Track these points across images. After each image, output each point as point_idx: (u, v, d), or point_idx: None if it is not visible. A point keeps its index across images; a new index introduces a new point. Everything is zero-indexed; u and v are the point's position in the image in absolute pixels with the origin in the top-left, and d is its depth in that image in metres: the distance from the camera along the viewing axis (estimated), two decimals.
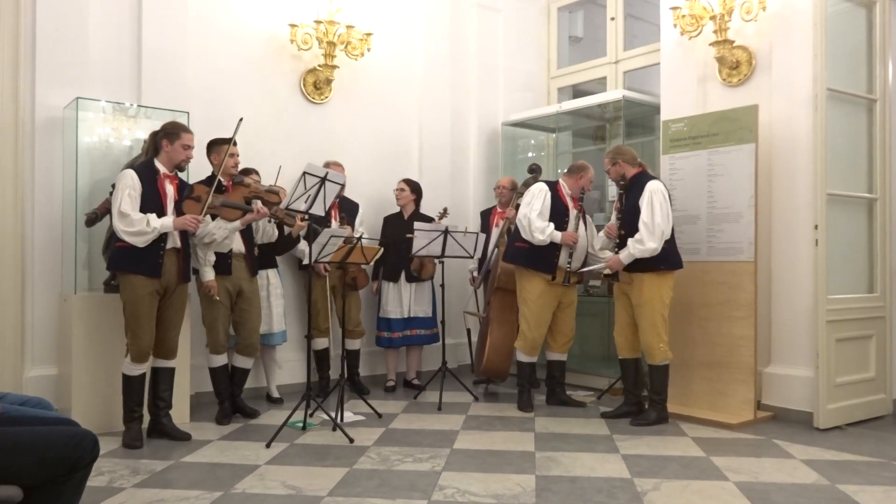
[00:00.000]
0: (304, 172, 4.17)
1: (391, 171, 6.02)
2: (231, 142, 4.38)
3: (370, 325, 5.83)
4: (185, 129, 4.20)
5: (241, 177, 4.64)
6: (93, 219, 4.47)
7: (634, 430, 4.49)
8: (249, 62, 5.56)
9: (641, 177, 4.65)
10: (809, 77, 4.55)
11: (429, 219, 5.73)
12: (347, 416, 4.69)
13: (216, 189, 4.29)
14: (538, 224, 4.83)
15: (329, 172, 4.30)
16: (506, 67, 6.95)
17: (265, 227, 4.87)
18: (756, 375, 4.71)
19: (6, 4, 4.52)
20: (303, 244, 4.93)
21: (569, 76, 7.07)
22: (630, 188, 4.65)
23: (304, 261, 4.89)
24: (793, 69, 4.75)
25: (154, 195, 4.07)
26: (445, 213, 5.71)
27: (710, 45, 5.09)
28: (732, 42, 5.03)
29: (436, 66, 6.52)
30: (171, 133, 4.14)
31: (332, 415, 4.47)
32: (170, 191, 4.16)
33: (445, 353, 5.51)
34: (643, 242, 4.50)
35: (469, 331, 6.01)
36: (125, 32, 4.95)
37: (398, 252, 5.49)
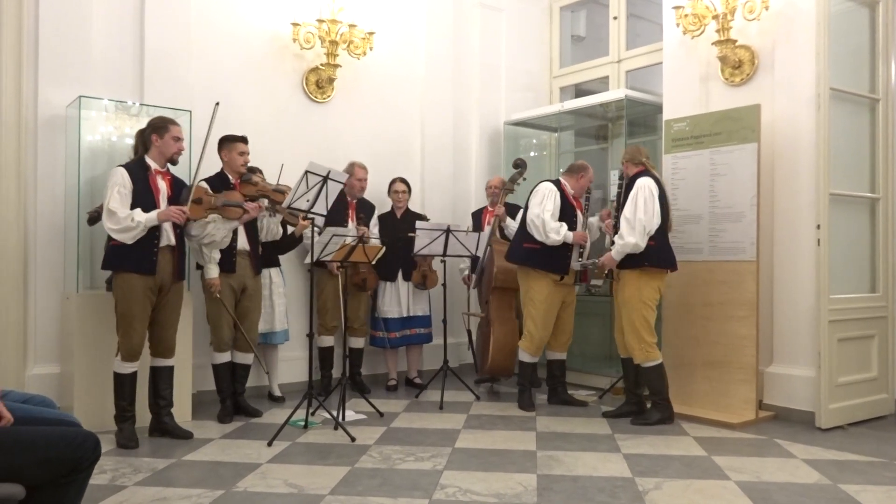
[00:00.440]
0: (306, 171, 4.18)
1: (393, 171, 6.02)
2: (210, 129, 4.27)
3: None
4: (173, 122, 4.19)
5: (250, 175, 4.67)
6: (95, 217, 4.47)
7: (636, 430, 4.48)
8: (252, 61, 5.57)
9: (638, 175, 4.65)
10: (812, 76, 4.54)
11: (422, 217, 5.74)
12: (349, 415, 4.69)
13: (214, 187, 4.31)
14: (553, 225, 4.82)
15: (331, 171, 4.30)
16: (508, 67, 6.95)
17: (269, 226, 4.87)
18: (758, 375, 4.71)
19: (9, 3, 4.52)
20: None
21: (571, 75, 7.07)
22: (628, 187, 4.66)
23: (306, 259, 4.91)
24: (795, 68, 4.75)
25: (146, 192, 4.05)
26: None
27: (713, 45, 5.08)
28: (735, 41, 5.02)
29: (438, 66, 6.52)
30: (160, 127, 4.13)
31: (334, 413, 4.48)
32: (162, 187, 4.13)
33: (447, 353, 5.51)
34: (623, 237, 4.51)
35: (469, 332, 6.02)
36: (128, 31, 4.95)
37: (394, 251, 5.50)
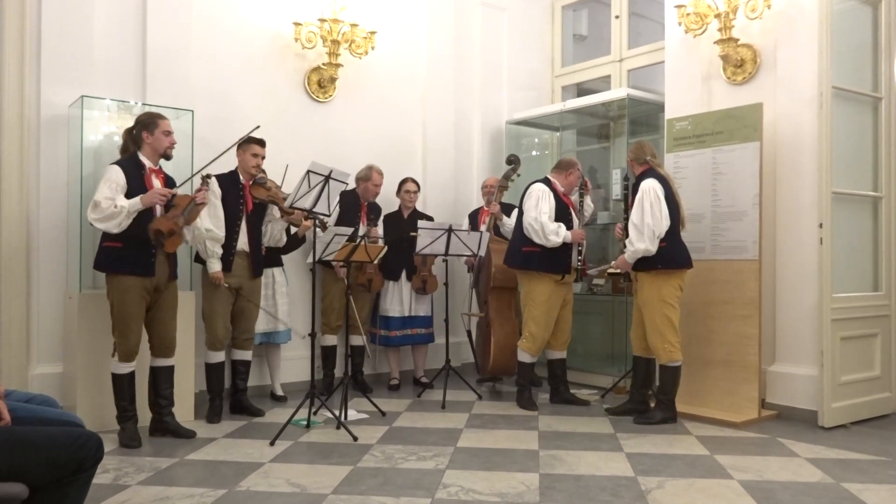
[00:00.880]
0: (308, 171, 4.18)
1: (395, 170, 6.02)
2: (246, 141, 4.54)
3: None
4: (161, 116, 4.16)
5: (264, 178, 4.68)
6: None
7: (639, 429, 4.48)
8: (254, 61, 5.57)
9: (644, 175, 4.63)
10: (814, 75, 4.53)
11: (429, 218, 5.75)
12: (351, 415, 4.70)
13: (224, 186, 4.49)
14: (551, 227, 4.81)
15: (333, 171, 4.30)
16: (510, 66, 6.94)
17: (273, 231, 4.87)
18: (760, 374, 4.71)
19: (11, 3, 4.53)
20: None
21: (573, 74, 7.06)
22: (635, 187, 4.64)
23: (308, 258, 4.92)
24: (798, 67, 4.74)
25: (141, 189, 4.00)
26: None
27: (715, 44, 5.07)
28: (737, 40, 5.01)
29: (440, 65, 6.52)
30: (149, 123, 4.10)
31: (336, 413, 4.48)
32: (157, 185, 4.10)
33: (449, 352, 5.51)
34: (633, 243, 4.51)
35: (469, 332, 6.02)
36: (130, 31, 4.95)
37: (399, 251, 5.50)
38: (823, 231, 4.45)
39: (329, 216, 4.56)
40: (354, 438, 4.18)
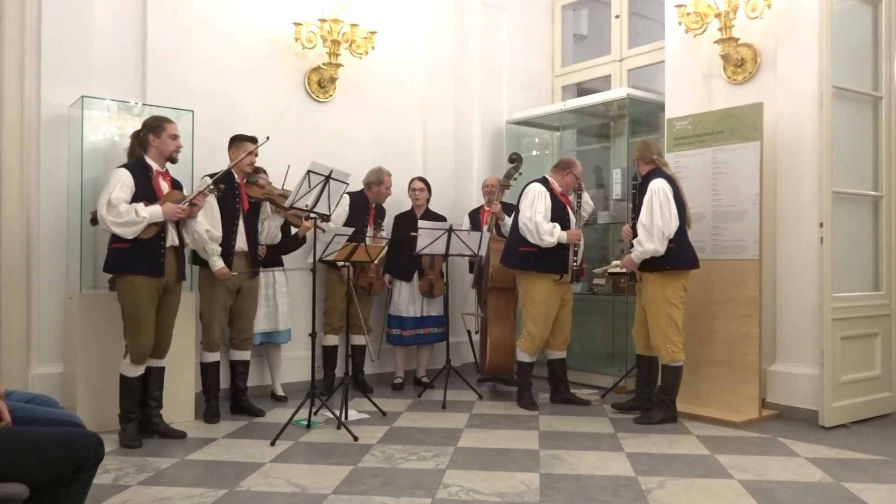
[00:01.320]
0: (308, 171, 4.18)
1: (395, 170, 6.00)
2: (253, 141, 4.56)
3: (379, 323, 5.85)
4: (168, 120, 4.19)
5: (257, 176, 4.68)
6: (97, 217, 4.47)
7: (639, 429, 4.48)
8: (254, 61, 5.57)
9: (650, 175, 4.62)
10: (815, 74, 4.53)
11: (440, 217, 5.75)
12: (352, 415, 4.70)
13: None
14: (546, 227, 4.81)
15: (333, 171, 4.30)
16: (510, 66, 6.94)
17: (269, 229, 4.88)
18: (761, 373, 4.71)
19: (12, 4, 4.53)
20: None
21: (573, 74, 7.06)
22: (641, 187, 4.63)
23: (308, 259, 4.92)
24: (798, 67, 4.74)
25: (149, 192, 4.03)
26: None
27: (715, 43, 5.07)
28: (737, 40, 5.01)
29: (440, 65, 6.51)
30: (156, 127, 4.12)
31: (337, 413, 4.48)
32: (164, 188, 4.13)
33: (450, 352, 5.51)
34: (642, 244, 4.50)
35: (469, 332, 6.02)
36: (130, 31, 4.95)
37: (411, 250, 5.49)
38: (824, 230, 4.45)
39: (329, 216, 4.55)
40: (355, 438, 4.18)
